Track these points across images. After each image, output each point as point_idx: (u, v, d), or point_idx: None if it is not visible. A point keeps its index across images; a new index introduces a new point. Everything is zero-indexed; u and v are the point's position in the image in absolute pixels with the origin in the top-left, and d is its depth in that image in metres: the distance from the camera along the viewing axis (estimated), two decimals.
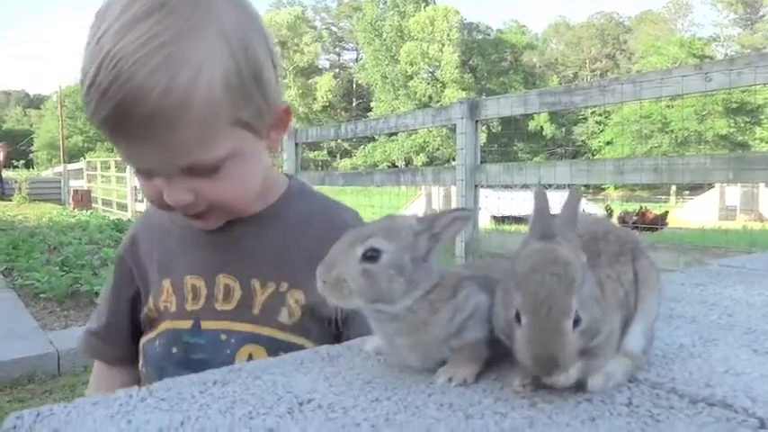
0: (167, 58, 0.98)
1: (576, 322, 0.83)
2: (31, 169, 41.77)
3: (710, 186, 22.20)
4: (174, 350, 1.27)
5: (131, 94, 0.97)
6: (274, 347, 1.22)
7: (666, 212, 15.57)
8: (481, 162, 5.63)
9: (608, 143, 48.12)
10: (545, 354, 0.85)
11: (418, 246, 0.95)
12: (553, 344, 0.83)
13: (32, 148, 70.55)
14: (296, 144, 8.56)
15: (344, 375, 0.99)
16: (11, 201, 20.37)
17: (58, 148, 46.91)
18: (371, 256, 0.92)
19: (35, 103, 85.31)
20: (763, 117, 45.95)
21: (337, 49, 76.36)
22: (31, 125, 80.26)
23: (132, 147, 1.09)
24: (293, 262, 1.27)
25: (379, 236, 0.94)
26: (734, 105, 43.49)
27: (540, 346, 0.85)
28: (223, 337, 1.26)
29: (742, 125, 45.36)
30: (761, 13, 61.19)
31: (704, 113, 43.01)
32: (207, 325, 1.27)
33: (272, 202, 1.34)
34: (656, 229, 12.56)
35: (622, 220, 13.58)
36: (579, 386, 0.92)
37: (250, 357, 1.26)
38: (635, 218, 13.78)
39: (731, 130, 44.33)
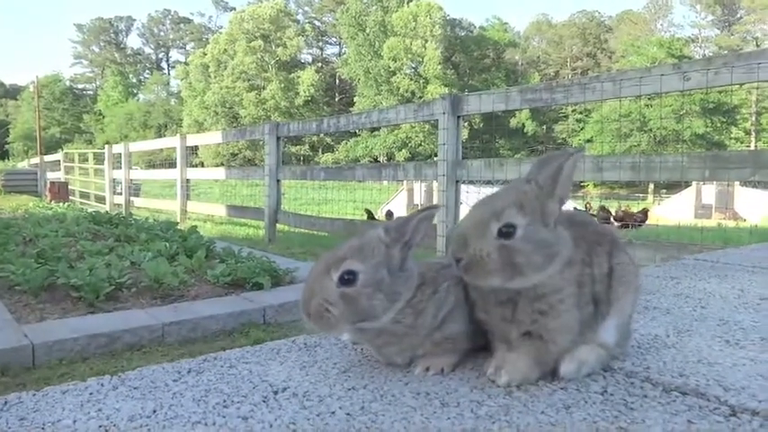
0: None
1: (509, 234, 0.90)
2: (6, 161, 40.91)
3: (687, 185, 22.54)
4: None
5: None
6: None
7: (646, 209, 15.74)
8: (463, 158, 5.65)
9: (588, 141, 48.53)
10: (460, 234, 0.94)
11: (392, 257, 0.96)
12: (470, 233, 0.92)
13: (8, 140, 69.16)
14: (277, 138, 8.51)
15: (321, 364, 0.99)
16: None
17: (34, 139, 45.96)
18: (348, 279, 0.92)
19: (11, 93, 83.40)
20: (738, 117, 46.80)
21: (320, 44, 75.93)
22: (6, 115, 78.56)
23: None
24: None
25: (352, 257, 0.94)
26: (711, 105, 44.19)
27: (460, 229, 0.95)
28: None
29: (719, 125, 46.12)
30: (738, 15, 62.09)
31: (682, 113, 43.63)
32: None
33: None
34: (638, 225, 12.60)
35: (616, 218, 13.36)
36: (552, 373, 0.93)
37: None
38: (638, 215, 13.61)
39: (708, 129, 45.04)
